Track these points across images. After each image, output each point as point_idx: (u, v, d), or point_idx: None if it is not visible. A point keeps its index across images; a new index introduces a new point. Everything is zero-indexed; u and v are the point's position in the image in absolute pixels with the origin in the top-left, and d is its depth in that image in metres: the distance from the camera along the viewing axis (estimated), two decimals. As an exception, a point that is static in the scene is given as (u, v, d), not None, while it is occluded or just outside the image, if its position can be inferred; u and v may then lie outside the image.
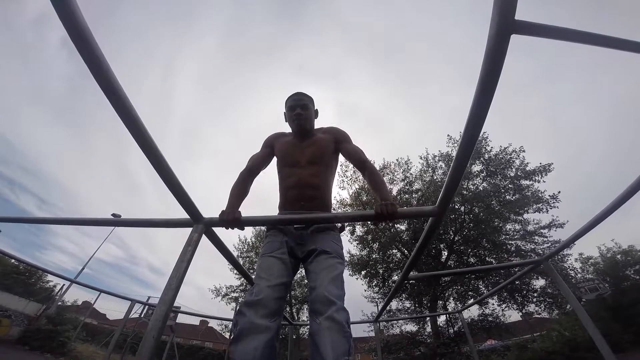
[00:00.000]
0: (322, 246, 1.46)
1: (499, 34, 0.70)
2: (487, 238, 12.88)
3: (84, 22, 0.71)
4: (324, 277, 1.32)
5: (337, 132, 1.88)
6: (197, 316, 6.71)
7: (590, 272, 13.27)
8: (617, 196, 1.50)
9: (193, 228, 1.30)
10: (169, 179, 1.11)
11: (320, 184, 1.70)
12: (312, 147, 1.77)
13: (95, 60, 0.76)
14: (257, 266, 1.47)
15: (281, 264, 1.42)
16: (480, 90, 0.81)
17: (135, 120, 0.90)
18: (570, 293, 2.21)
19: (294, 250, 1.51)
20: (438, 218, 1.34)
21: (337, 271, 1.38)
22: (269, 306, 1.22)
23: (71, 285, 4.20)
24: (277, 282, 1.32)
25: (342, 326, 1.14)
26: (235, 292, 18.49)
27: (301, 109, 1.80)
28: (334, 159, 1.86)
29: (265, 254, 1.48)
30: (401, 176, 15.26)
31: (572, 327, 9.34)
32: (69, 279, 4.26)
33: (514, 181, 13.04)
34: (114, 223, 1.61)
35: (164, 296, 1.07)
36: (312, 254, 1.46)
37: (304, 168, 1.71)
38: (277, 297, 1.27)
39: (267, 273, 1.35)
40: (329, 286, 1.27)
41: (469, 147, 0.99)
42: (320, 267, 1.38)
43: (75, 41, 0.72)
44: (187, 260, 1.19)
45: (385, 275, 14.82)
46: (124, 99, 0.85)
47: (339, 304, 1.21)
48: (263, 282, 1.30)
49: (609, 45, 0.82)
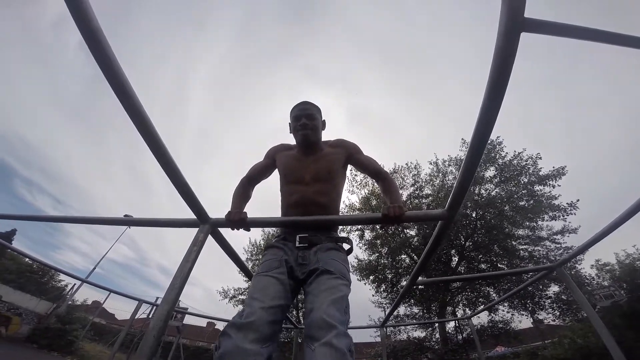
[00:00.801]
0: (325, 265, 1.28)
1: (508, 32, 0.69)
2: (498, 244, 12.68)
3: (98, 24, 0.72)
4: (324, 298, 1.13)
5: (347, 144, 1.75)
6: (204, 318, 6.73)
7: (607, 278, 12.91)
8: (635, 201, 1.45)
9: (199, 228, 1.31)
10: (176, 179, 1.12)
11: (326, 202, 1.56)
12: (318, 163, 1.63)
13: (107, 62, 0.77)
14: (250, 286, 1.28)
15: (279, 284, 1.23)
16: (490, 90, 0.79)
17: (144, 120, 0.92)
18: (584, 299, 2.16)
19: (293, 270, 1.34)
20: (447, 222, 1.32)
21: (341, 293, 1.18)
22: (261, 331, 1.02)
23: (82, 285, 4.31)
24: (273, 303, 1.13)
25: (343, 355, 0.93)
26: (243, 295, 18.42)
27: (307, 119, 1.65)
28: (343, 174, 1.72)
29: (261, 273, 1.29)
30: (411, 181, 15.24)
31: (585, 334, 9.08)
32: (80, 278, 4.34)
33: (527, 187, 12.79)
34: (121, 222, 1.63)
35: (167, 295, 1.07)
36: (313, 273, 1.28)
37: (309, 185, 1.57)
38: (272, 320, 1.08)
39: (262, 293, 1.16)
40: (328, 309, 1.07)
41: (479, 150, 0.97)
42: (321, 289, 1.19)
43: (89, 43, 0.73)
44: (192, 260, 1.19)
45: (393, 281, 14.70)
46: (134, 99, 0.87)
47: (340, 329, 1.01)
48: (256, 303, 1.11)
49: (623, 44, 0.79)
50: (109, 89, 0.83)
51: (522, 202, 12.71)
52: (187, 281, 1.16)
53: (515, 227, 12.67)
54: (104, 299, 17.74)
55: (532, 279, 2.92)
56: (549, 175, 12.53)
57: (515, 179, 12.98)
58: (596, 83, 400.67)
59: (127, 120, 0.89)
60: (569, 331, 10.36)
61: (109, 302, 21.17)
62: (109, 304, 22.78)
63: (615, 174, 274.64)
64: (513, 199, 12.67)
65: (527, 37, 0.72)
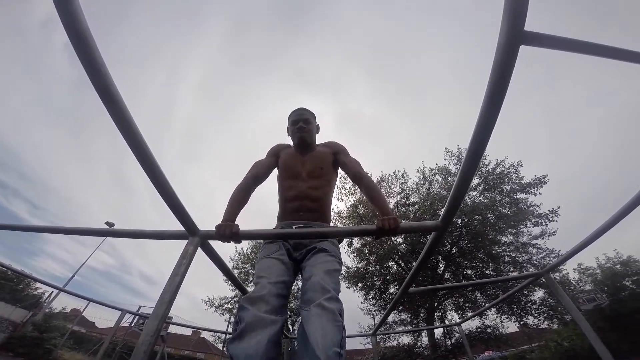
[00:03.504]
0: (322, 245, 1.48)
1: (508, 45, 0.69)
2: (483, 250, 12.91)
3: (86, 26, 0.68)
4: (320, 269, 1.30)
5: (335, 144, 1.95)
6: (189, 327, 6.54)
7: (588, 282, 13.26)
8: (619, 209, 1.48)
9: (188, 241, 1.26)
10: (165, 191, 1.08)
11: (320, 196, 1.73)
12: (312, 161, 1.81)
13: (95, 65, 0.73)
14: (256, 269, 1.44)
15: (281, 264, 1.40)
16: (487, 102, 0.79)
17: (134, 133, 0.88)
18: (572, 304, 2.19)
19: (291, 253, 1.52)
20: (441, 233, 1.31)
21: (334, 267, 1.37)
22: (272, 302, 1.16)
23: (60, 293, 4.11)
24: (278, 279, 1.29)
25: (335, 314, 1.08)
26: (229, 304, 18.23)
27: (303, 123, 1.85)
28: (334, 172, 1.89)
29: (264, 257, 1.47)
30: (398, 189, 15.38)
31: (570, 337, 9.28)
32: (57, 287, 4.16)
33: (510, 195, 13.12)
34: (105, 233, 1.53)
35: (157, 310, 1.03)
36: (310, 252, 1.47)
37: (305, 181, 1.74)
38: (280, 294, 1.23)
39: (267, 272, 1.33)
40: (324, 276, 1.25)
41: (475, 160, 0.96)
42: (318, 262, 1.37)
43: (76, 46, 0.69)
44: (181, 274, 1.14)
45: (382, 288, 14.77)
46: (123, 107, 0.82)
47: (333, 293, 1.17)
48: (264, 280, 1.27)
49: (620, 58, 0.80)
50: (94, 92, 0.78)
51: (505, 210, 13.00)
52: (177, 295, 1.11)
53: (499, 233, 12.95)
54: (83, 307, 17.10)
55: (520, 285, 2.96)
56: (531, 183, 12.90)
57: (498, 187, 13.30)
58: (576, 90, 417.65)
59: (111, 125, 0.85)
60: (555, 334, 10.57)
61: (89, 310, 20.36)
62: (89, 312, 21.90)
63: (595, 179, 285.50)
64: (496, 206, 12.95)
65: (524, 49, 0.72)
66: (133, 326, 12.49)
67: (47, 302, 16.00)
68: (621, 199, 1.47)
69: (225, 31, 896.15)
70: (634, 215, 1.47)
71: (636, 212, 1.44)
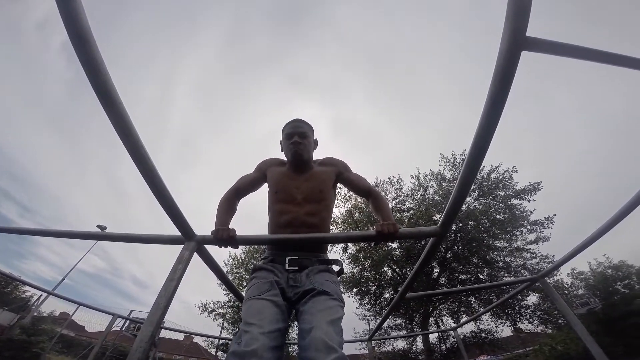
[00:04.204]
0: (322, 287, 1.25)
1: (510, 50, 0.68)
2: (478, 255, 12.97)
3: (87, 24, 0.67)
4: (322, 318, 1.09)
5: (336, 162, 1.75)
6: (182, 332, 6.41)
7: (581, 287, 13.40)
8: (613, 214, 1.50)
9: (184, 245, 1.24)
10: (161, 195, 1.06)
11: (317, 223, 1.52)
12: (310, 182, 1.60)
13: (95, 66, 0.71)
14: (243, 312, 1.20)
15: (274, 306, 1.17)
16: (489, 108, 0.79)
17: (132, 135, 0.86)
18: (567, 308, 2.19)
19: (285, 292, 1.28)
20: (439, 239, 1.31)
21: (338, 315, 1.15)
22: (265, 357, 0.96)
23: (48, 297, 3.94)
24: (272, 328, 1.07)
25: None
26: (222, 308, 18.01)
27: (299, 137, 1.63)
28: (334, 194, 1.72)
29: (253, 297, 1.22)
30: (393, 195, 15.41)
31: (564, 340, 9.33)
32: (46, 290, 4.06)
33: (504, 200, 13.24)
34: (100, 237, 1.50)
35: (152, 316, 1.00)
36: (309, 293, 1.24)
37: (300, 205, 1.53)
38: (274, 346, 1.02)
39: (258, 318, 1.09)
40: (328, 329, 1.03)
41: (476, 166, 0.95)
42: (319, 308, 1.15)
43: (75, 44, 0.67)
44: (177, 279, 1.12)
45: (377, 293, 14.78)
46: (122, 111, 0.81)
47: (339, 352, 0.98)
48: (254, 328, 1.04)
49: (622, 64, 0.80)
50: (88, 94, 0.79)
51: (499, 215, 13.10)
52: (172, 301, 1.09)
53: (493, 239, 13.03)
54: (72, 310, 16.78)
55: (516, 290, 2.96)
56: (525, 190, 13.02)
57: (492, 193, 13.40)
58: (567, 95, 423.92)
59: (105, 127, 0.83)
60: (549, 338, 10.63)
61: (78, 314, 19.99)
62: (78, 315, 21.50)
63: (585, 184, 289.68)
64: (490, 212, 13.05)
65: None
66: (124, 330, 12.30)
67: (35, 306, 15.71)
68: (611, 204, 1.49)
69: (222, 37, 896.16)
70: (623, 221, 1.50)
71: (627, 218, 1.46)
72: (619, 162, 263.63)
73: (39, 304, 14.94)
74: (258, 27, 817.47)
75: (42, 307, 17.16)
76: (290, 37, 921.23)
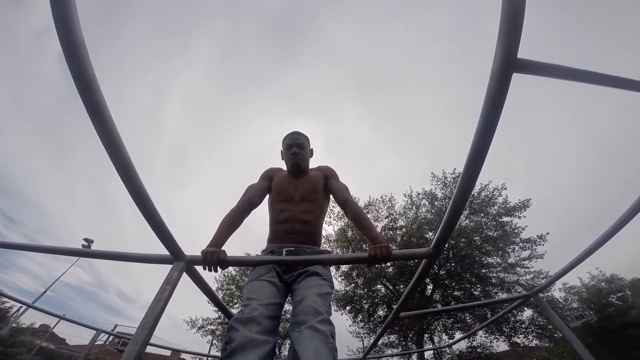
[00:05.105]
0: (314, 269, 1.43)
1: (501, 72, 0.68)
2: (471, 272, 12.99)
3: (82, 38, 0.66)
4: (313, 291, 1.27)
5: (326, 169, 1.96)
6: (168, 349, 6.17)
7: (575, 300, 13.41)
8: (605, 230, 1.51)
9: (173, 266, 1.22)
10: (150, 216, 1.04)
11: (311, 219, 1.72)
12: (305, 185, 1.81)
13: (87, 81, 0.70)
14: (245, 290, 1.37)
15: (272, 286, 1.34)
16: (481, 130, 0.78)
17: (122, 155, 0.85)
18: (562, 323, 2.18)
19: (281, 275, 1.46)
20: (432, 260, 1.30)
21: (327, 290, 1.33)
22: (264, 323, 1.12)
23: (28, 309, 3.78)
24: (270, 301, 1.24)
25: (327, 336, 1.06)
26: (212, 325, 17.57)
27: (298, 148, 1.86)
28: (326, 196, 1.89)
29: (254, 279, 1.39)
30: (385, 213, 15.45)
31: (561, 354, 9.23)
32: (25, 303, 3.85)
33: (495, 218, 13.38)
34: (87, 255, 1.45)
35: (137, 336, 0.97)
36: (302, 275, 1.42)
37: (298, 204, 1.73)
38: (271, 315, 1.18)
39: (258, 294, 1.26)
40: (317, 299, 1.22)
41: (468, 189, 0.94)
42: (310, 285, 1.33)
43: (68, 57, 0.66)
44: (164, 299, 1.10)
45: (370, 311, 14.65)
46: (112, 128, 0.80)
47: (325, 316, 1.14)
48: (254, 301, 1.21)
49: (612, 85, 0.80)
50: (81, 107, 0.75)
51: (491, 232, 13.21)
52: (159, 321, 1.06)
53: (486, 255, 13.10)
54: (53, 323, 16.00)
55: (510, 306, 2.93)
56: (515, 207, 13.22)
57: (483, 210, 13.55)
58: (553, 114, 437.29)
59: (96, 140, 0.81)
60: (545, 352, 10.51)
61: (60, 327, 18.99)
62: (60, 328, 20.47)
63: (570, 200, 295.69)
64: (482, 229, 13.16)
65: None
66: (108, 345, 11.80)
67: (14, 317, 15.02)
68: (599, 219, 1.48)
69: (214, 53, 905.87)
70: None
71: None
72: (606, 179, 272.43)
73: (17, 315, 14.29)
74: (250, 45, 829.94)
75: (21, 319, 16.42)
76: (285, 54, 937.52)
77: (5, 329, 11.79)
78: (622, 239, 1.72)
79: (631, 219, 1.37)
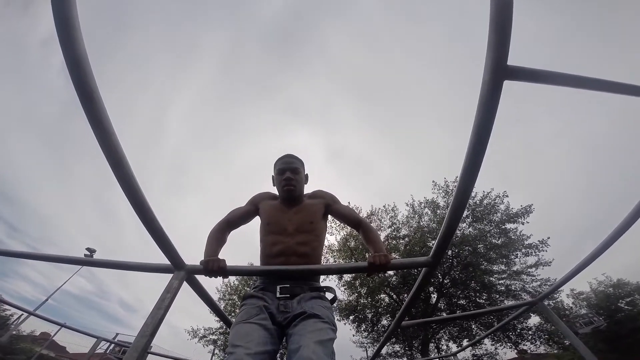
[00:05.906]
0: (312, 310, 1.22)
1: (492, 80, 0.68)
2: (475, 280, 12.85)
3: (84, 51, 0.68)
4: (310, 339, 1.06)
5: (325, 195, 1.78)
6: (169, 358, 6.14)
7: (584, 306, 13.20)
8: (609, 234, 1.49)
9: (174, 275, 1.23)
10: (151, 226, 1.06)
11: (308, 252, 1.52)
12: (301, 214, 1.62)
13: (89, 93, 0.71)
14: (230, 335, 1.16)
15: (263, 329, 1.14)
16: (475, 138, 0.78)
17: (124, 167, 0.87)
18: (568, 330, 2.16)
19: (274, 316, 1.25)
20: (431, 269, 1.28)
21: (328, 336, 1.11)
22: None
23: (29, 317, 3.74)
24: (259, 349, 1.04)
25: None
26: (214, 335, 17.54)
27: (291, 173, 1.66)
28: (324, 225, 1.72)
29: (240, 322, 1.19)
30: (388, 222, 15.45)
31: (572, 359, 9.03)
32: (27, 310, 3.94)
33: (499, 225, 13.26)
34: (88, 263, 1.48)
35: (137, 343, 0.98)
36: (299, 317, 1.21)
37: (292, 236, 1.54)
38: None
39: (245, 340, 1.07)
40: (316, 348, 1.00)
41: (464, 198, 0.94)
42: (308, 330, 1.12)
43: (71, 70, 0.68)
44: (164, 307, 1.11)
45: (374, 320, 14.53)
46: (115, 141, 0.82)
47: None
48: (240, 350, 1.02)
49: (603, 89, 0.81)
50: (84, 117, 0.76)
51: (495, 240, 13.09)
52: (159, 329, 1.07)
53: (490, 263, 12.95)
54: (54, 330, 15.88)
55: (515, 314, 2.90)
56: (518, 213, 13.07)
57: (486, 218, 13.43)
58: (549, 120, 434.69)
59: (98, 150, 0.82)
60: (555, 358, 10.30)
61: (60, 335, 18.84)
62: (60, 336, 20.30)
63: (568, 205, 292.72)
64: (486, 237, 13.05)
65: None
66: (108, 353, 11.71)
67: (14, 325, 15.01)
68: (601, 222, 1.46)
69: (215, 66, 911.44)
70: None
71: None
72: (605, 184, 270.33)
73: (18, 323, 14.26)
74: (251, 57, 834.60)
75: (22, 327, 16.40)
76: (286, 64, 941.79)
77: (5, 336, 11.77)
78: (627, 242, 1.69)
79: (633, 223, 1.35)
